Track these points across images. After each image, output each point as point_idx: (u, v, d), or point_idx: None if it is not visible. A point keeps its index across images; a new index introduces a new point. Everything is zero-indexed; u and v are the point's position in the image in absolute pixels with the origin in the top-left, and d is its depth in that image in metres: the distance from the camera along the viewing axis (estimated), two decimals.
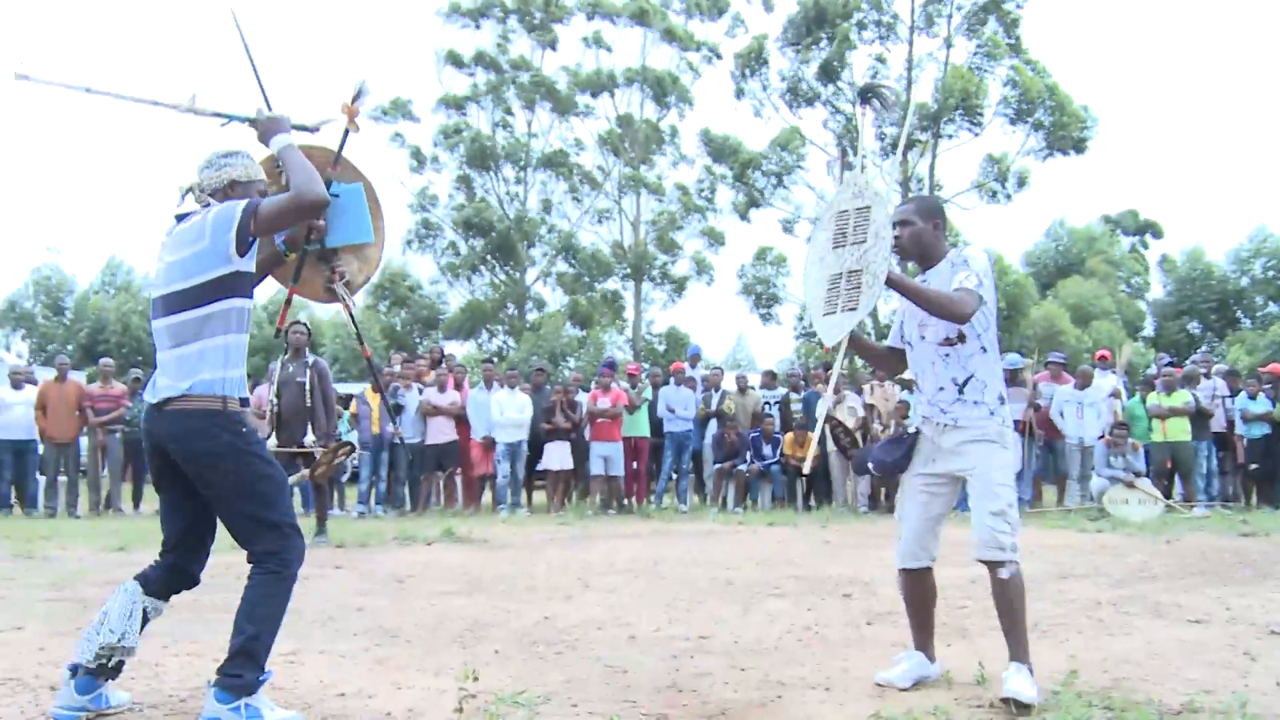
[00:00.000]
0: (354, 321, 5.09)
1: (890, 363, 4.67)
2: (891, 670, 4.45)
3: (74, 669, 3.84)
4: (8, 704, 4.02)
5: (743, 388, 15.54)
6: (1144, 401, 13.99)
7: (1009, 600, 4.21)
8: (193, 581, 4.09)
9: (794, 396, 15.13)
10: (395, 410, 13.85)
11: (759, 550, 9.29)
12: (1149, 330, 42.15)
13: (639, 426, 14.54)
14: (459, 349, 34.79)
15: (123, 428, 14.13)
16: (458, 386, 14.60)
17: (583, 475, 14.75)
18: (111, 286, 42.89)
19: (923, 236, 4.40)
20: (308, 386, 9.84)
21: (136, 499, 14.48)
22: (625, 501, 14.42)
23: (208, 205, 3.90)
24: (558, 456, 14.17)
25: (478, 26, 36.75)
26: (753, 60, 33.31)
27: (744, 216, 35.71)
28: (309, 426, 9.79)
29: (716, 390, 15.30)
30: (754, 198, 34.61)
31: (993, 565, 4.25)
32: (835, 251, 4.36)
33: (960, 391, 4.33)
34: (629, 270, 36.82)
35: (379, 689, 4.29)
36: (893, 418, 13.98)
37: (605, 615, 6.06)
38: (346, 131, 4.52)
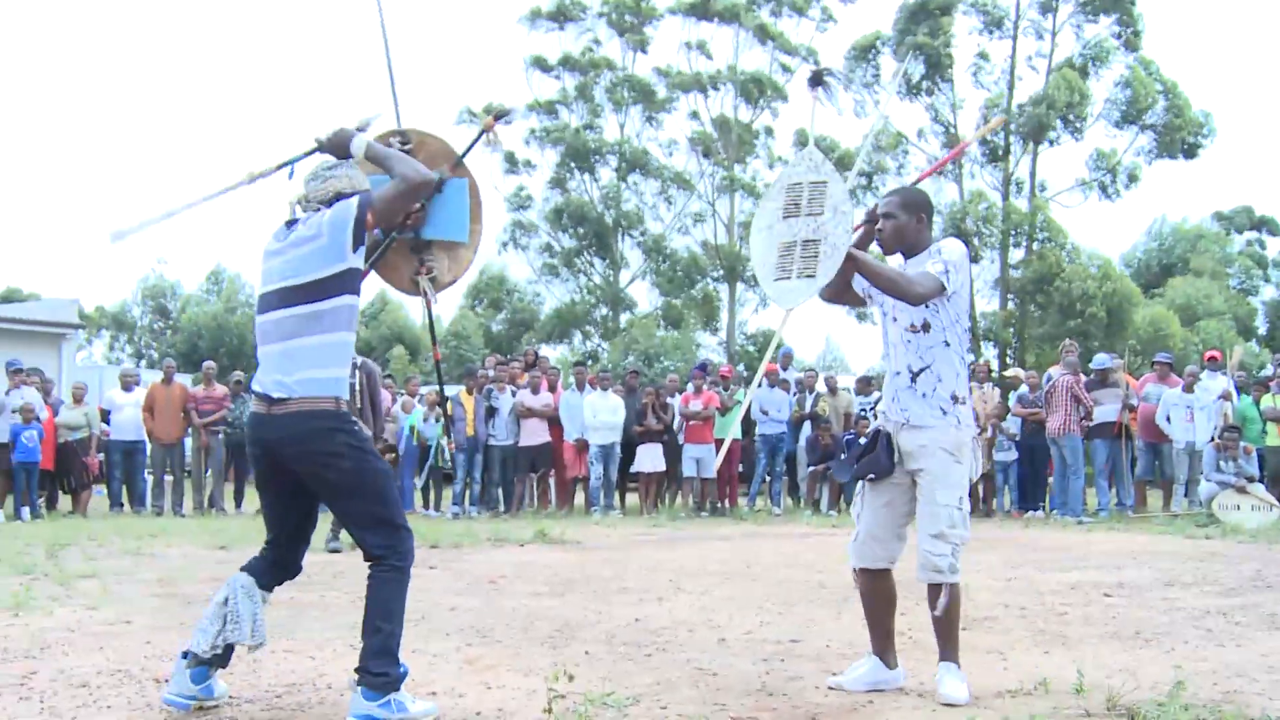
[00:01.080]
0: (431, 320, 5.07)
1: (847, 295, 4.53)
2: (846, 674, 4.38)
3: (186, 655, 3.91)
4: (115, 694, 4.12)
5: (833, 389, 15.38)
6: (1257, 404, 13.52)
7: (948, 618, 4.23)
8: (296, 570, 4.16)
9: None
10: (489, 413, 13.99)
11: None
12: (1263, 330, 40.73)
13: (731, 428, 14.44)
14: (552, 351, 34.98)
15: (225, 429, 14.46)
16: (551, 388, 14.68)
17: (675, 477, 14.73)
18: (214, 294, 43.96)
19: (905, 230, 4.36)
20: (357, 388, 9.55)
21: (238, 498, 14.81)
22: (718, 504, 14.37)
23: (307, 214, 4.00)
24: (650, 458, 14.17)
25: (562, 28, 36.93)
26: (865, 55, 32.79)
27: None
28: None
29: (810, 392, 15.17)
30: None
31: (931, 587, 4.22)
32: (786, 221, 4.31)
33: (913, 380, 4.25)
34: (723, 272, 36.68)
35: (469, 688, 4.30)
36: (991, 420, 13.73)
37: (696, 617, 6.03)
38: (480, 136, 4.61)
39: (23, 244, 72.55)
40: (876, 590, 4.40)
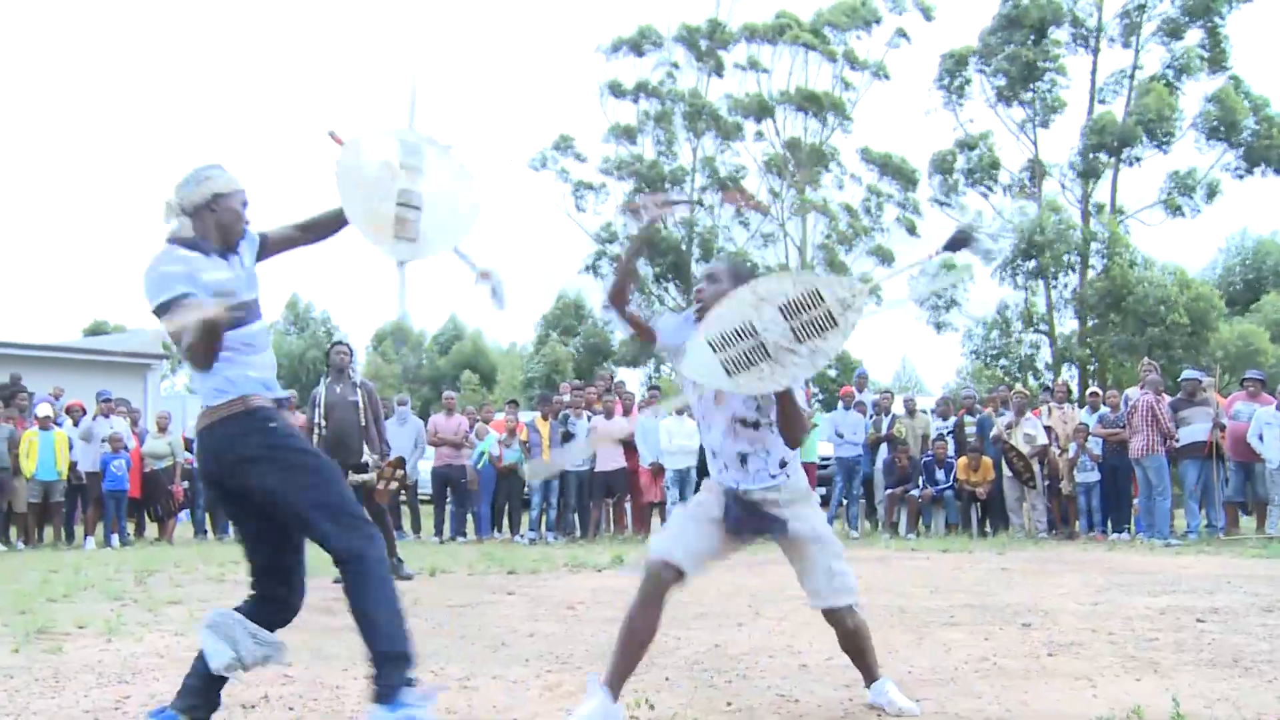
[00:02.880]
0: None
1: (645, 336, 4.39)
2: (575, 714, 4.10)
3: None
4: None
5: (911, 410, 15.23)
6: None
7: (866, 633, 4.45)
8: (291, 611, 3.97)
9: (968, 419, 14.75)
10: (565, 437, 14.05)
11: (932, 577, 9.06)
12: None
13: (808, 452, 14.39)
14: (630, 375, 35.08)
15: None
16: (627, 413, 14.70)
17: None
18: (291, 322, 44.79)
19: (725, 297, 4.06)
20: (361, 406, 9.53)
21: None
22: None
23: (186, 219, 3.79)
24: None
25: (640, 55, 37.19)
26: (956, 67, 32.53)
27: (913, 232, 35.10)
28: (365, 447, 9.48)
29: (887, 414, 15.04)
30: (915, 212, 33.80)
31: (843, 613, 4.35)
32: (776, 312, 3.78)
33: (742, 463, 4.20)
34: None
35: (551, 715, 4.31)
36: (1072, 440, 13.49)
37: (776, 643, 5.98)
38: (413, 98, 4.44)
39: (108, 278, 74.57)
40: (652, 612, 4.06)
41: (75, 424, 14.28)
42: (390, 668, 3.65)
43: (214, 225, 3.80)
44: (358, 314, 78.58)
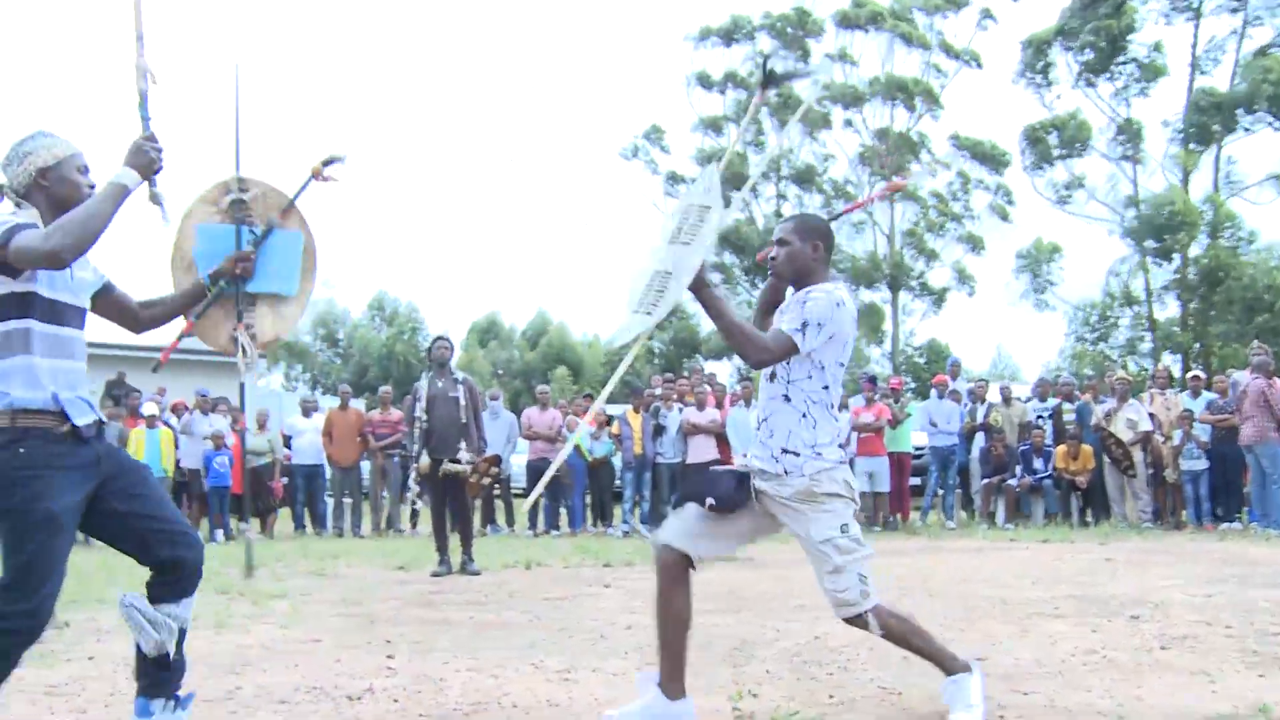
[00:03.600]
0: (241, 382, 4.70)
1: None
2: (619, 712, 4.04)
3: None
4: (313, 711, 4.26)
5: (1007, 398, 14.96)
6: None
7: (902, 636, 4.13)
8: (179, 567, 3.72)
9: (1067, 406, 14.44)
10: (657, 431, 14.06)
11: (1034, 568, 8.88)
12: None
13: (901, 441, 14.24)
14: (721, 368, 34.99)
15: (400, 452, 14.88)
16: (718, 405, 14.66)
17: None
18: (379, 319, 45.38)
19: (798, 257, 4.00)
20: (462, 402, 9.56)
21: (414, 520, 15.22)
22: (890, 518, 14.11)
23: (19, 206, 3.51)
24: None
25: (728, 46, 37.05)
26: (1041, 48, 31.84)
27: (1005, 218, 34.50)
28: (463, 443, 9.50)
29: (982, 402, 14.80)
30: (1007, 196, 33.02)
31: (855, 622, 4.07)
32: (669, 246, 3.95)
33: (758, 426, 4.06)
34: (888, 281, 36.14)
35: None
36: (1176, 427, 13.14)
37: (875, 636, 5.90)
38: (307, 182, 4.43)
39: None
40: (673, 597, 4.04)
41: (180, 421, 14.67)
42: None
43: (48, 203, 3.51)
44: (445, 307, 79.59)
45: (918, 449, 14.98)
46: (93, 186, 3.56)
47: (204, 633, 6.05)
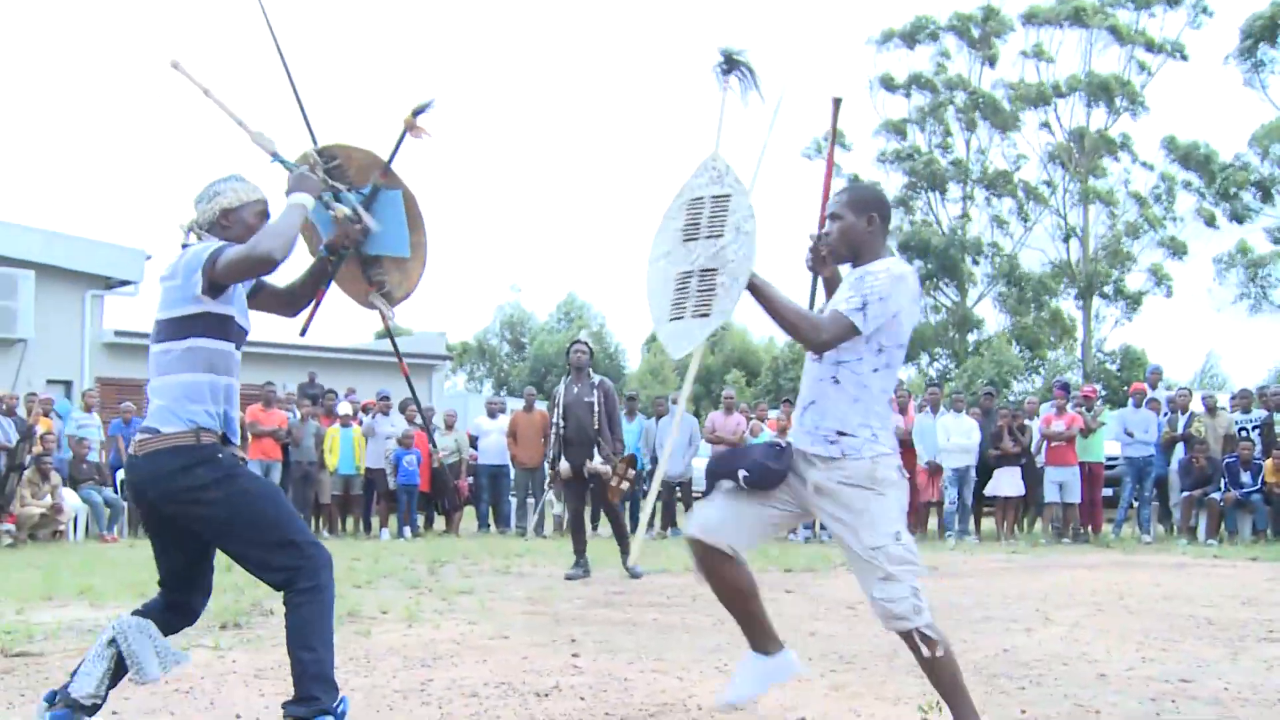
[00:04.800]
0: (391, 336, 4.67)
1: None
2: (730, 688, 3.91)
3: (53, 696, 3.69)
4: (503, 706, 4.34)
5: (1211, 408, 14.21)
6: None
7: (945, 670, 3.66)
8: (192, 617, 3.87)
9: (1278, 418, 13.64)
10: None
11: (1242, 587, 8.42)
12: None
13: (1093, 451, 13.72)
14: (901, 374, 34.40)
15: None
16: (902, 410, 14.40)
17: (1034, 501, 14.08)
18: (565, 324, 46.10)
19: (853, 233, 3.74)
20: (595, 408, 9.48)
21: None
22: (1081, 530, 13.59)
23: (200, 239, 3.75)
24: (1009, 482, 13.61)
25: (911, 48, 36.45)
26: (1262, 34, 30.12)
27: (1210, 223, 32.82)
28: (595, 449, 9.41)
29: (1184, 412, 14.11)
30: (1238, 211, 31.22)
31: (906, 638, 3.66)
32: (686, 246, 3.72)
33: (802, 413, 3.73)
34: (1079, 287, 34.88)
35: (839, 715, 4.25)
36: None
37: (1069, 650, 5.70)
38: (401, 139, 4.28)
39: None
40: (722, 574, 3.86)
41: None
42: (319, 684, 3.52)
43: (227, 239, 3.70)
44: (630, 313, 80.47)
45: (1110, 459, 14.39)
46: None
47: (396, 626, 6.26)
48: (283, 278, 3.98)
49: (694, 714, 4.26)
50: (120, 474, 14.24)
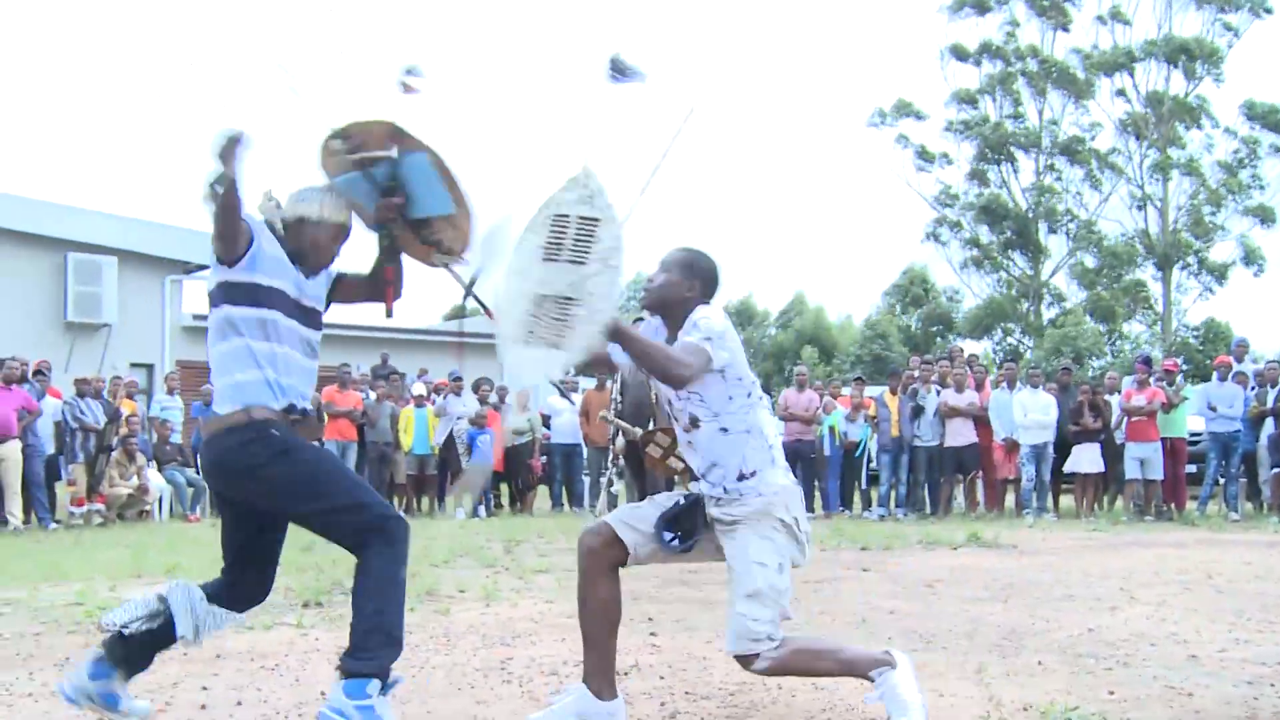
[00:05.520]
0: (469, 289, 4.29)
1: (600, 365, 3.99)
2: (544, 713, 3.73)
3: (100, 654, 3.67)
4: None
5: None
6: None
7: (798, 666, 3.63)
8: (259, 596, 3.83)
9: None
10: (915, 413, 13.77)
11: None
12: None
13: (1175, 427, 13.43)
14: (975, 347, 33.92)
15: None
16: (978, 387, 14.20)
17: (1114, 478, 13.84)
18: (635, 300, 46.12)
19: (672, 291, 3.70)
20: (653, 383, 9.36)
21: (613, 502, 15.39)
22: (1164, 507, 13.32)
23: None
24: (1088, 459, 13.38)
25: (982, 15, 35.81)
26: None
27: None
28: (651, 422, 9.33)
29: (1273, 386, 13.74)
30: None
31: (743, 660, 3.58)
32: (545, 265, 3.43)
33: (704, 477, 3.67)
34: (1159, 259, 34.10)
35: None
36: None
37: (1157, 630, 5.57)
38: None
39: None
40: (596, 584, 3.73)
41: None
42: (378, 639, 3.43)
43: (295, 243, 3.78)
44: None
45: (1194, 435, 14.09)
46: (333, 258, 3.89)
47: (474, 604, 6.30)
48: (353, 266, 4.03)
49: (773, 693, 4.23)
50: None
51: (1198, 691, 4.23)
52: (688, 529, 3.68)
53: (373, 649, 3.40)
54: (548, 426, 15.75)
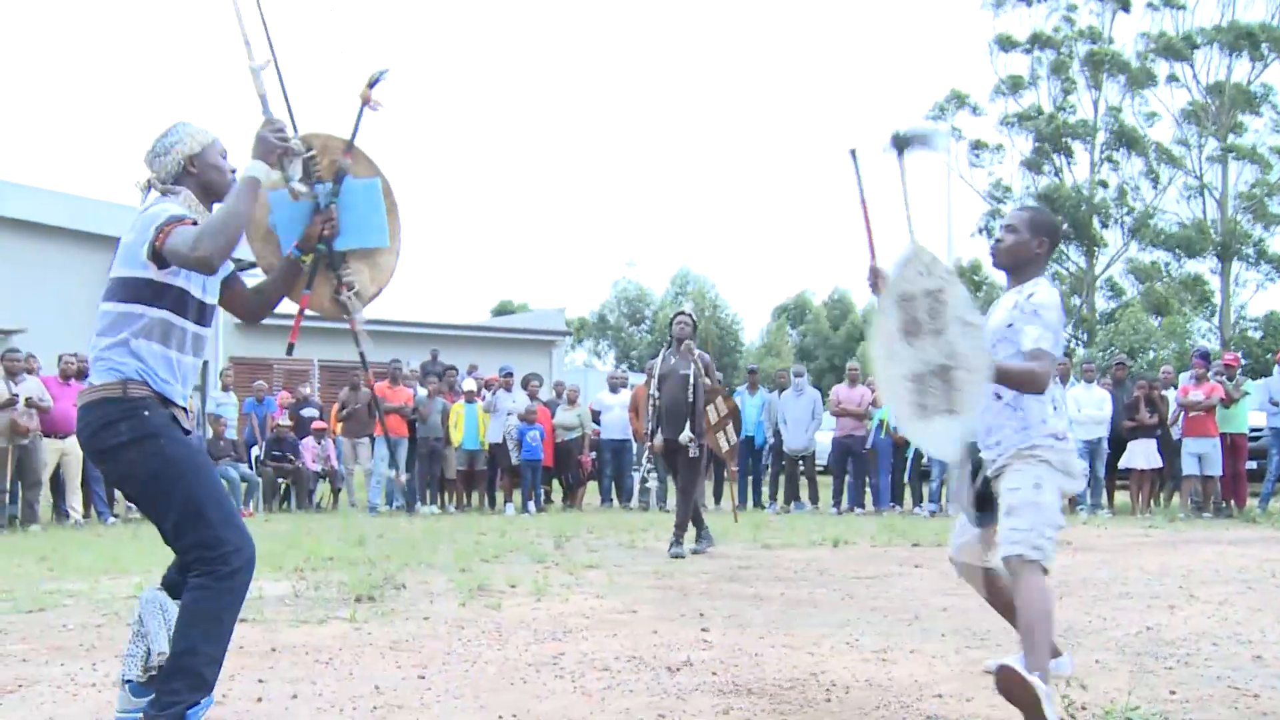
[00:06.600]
0: (358, 341, 4.14)
1: None
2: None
3: (127, 682, 3.51)
4: (635, 679, 4.34)
5: None
6: None
7: (1033, 610, 3.78)
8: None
9: None
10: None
11: None
12: None
13: (1236, 422, 13.18)
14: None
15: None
16: None
17: (1170, 474, 13.62)
18: (682, 296, 46.13)
19: (1022, 249, 3.98)
20: (691, 380, 9.21)
21: (716, 495, 15.37)
22: (1223, 504, 13.10)
23: (165, 194, 3.52)
24: (1143, 454, 13.18)
25: (1029, 5, 35.34)
26: None
27: None
28: (688, 423, 9.15)
29: None
30: None
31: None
32: (908, 344, 3.68)
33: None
34: (1218, 250, 33.46)
35: (975, 692, 4.15)
36: None
37: (1218, 629, 5.48)
38: (360, 112, 4.00)
39: (514, 261, 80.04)
40: (995, 593, 4.21)
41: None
42: (180, 679, 3.25)
43: (198, 189, 3.55)
44: (748, 285, 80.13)
45: (1255, 430, 13.83)
46: (234, 171, 3.58)
47: (525, 600, 6.31)
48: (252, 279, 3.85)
49: (827, 689, 4.20)
50: (254, 450, 14.67)
51: (1264, 693, 4.14)
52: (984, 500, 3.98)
53: (176, 690, 3.23)
54: (597, 422, 15.75)
